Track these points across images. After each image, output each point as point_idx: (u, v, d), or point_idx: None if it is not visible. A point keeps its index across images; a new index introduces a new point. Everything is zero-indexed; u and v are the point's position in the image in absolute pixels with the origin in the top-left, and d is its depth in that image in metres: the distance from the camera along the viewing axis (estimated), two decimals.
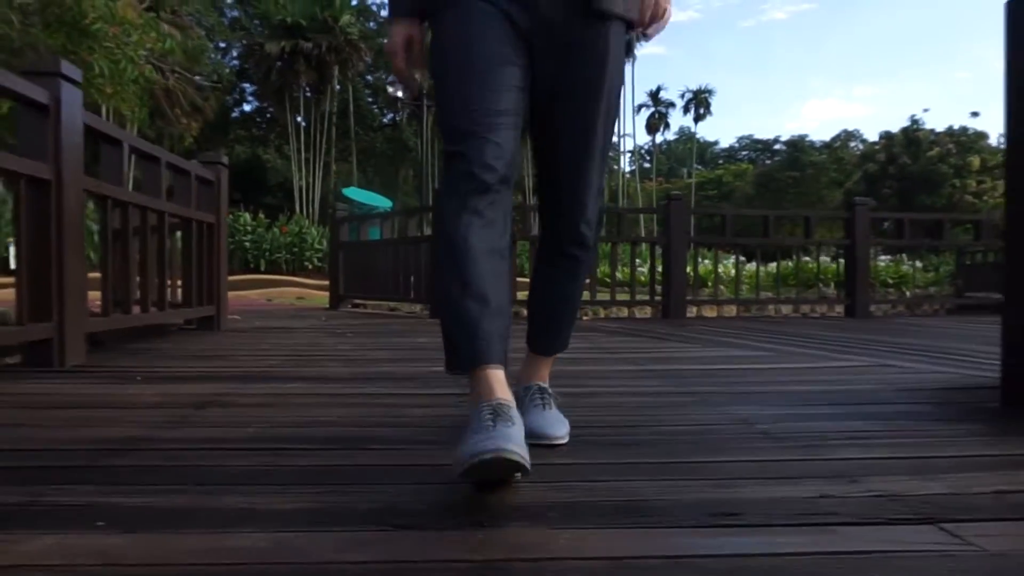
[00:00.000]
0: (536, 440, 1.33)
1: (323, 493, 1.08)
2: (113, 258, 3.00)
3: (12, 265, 11.66)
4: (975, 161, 33.44)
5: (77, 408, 1.76)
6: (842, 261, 6.83)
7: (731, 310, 6.77)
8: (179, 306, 3.92)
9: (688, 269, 6.39)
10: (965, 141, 34.36)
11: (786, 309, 6.92)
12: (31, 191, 2.41)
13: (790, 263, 8.44)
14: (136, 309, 3.30)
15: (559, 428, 1.39)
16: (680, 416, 1.70)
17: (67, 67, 2.57)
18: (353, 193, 8.83)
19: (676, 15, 1.42)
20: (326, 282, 12.08)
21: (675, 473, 1.20)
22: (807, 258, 10.00)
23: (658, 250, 6.20)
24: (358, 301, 7.38)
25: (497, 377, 1.12)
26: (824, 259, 9.08)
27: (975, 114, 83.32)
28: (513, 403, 1.11)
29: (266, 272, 16.99)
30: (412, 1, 1.37)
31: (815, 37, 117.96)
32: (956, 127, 36.08)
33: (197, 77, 18.82)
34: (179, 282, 3.96)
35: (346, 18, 24.03)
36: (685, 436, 1.48)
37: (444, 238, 1.20)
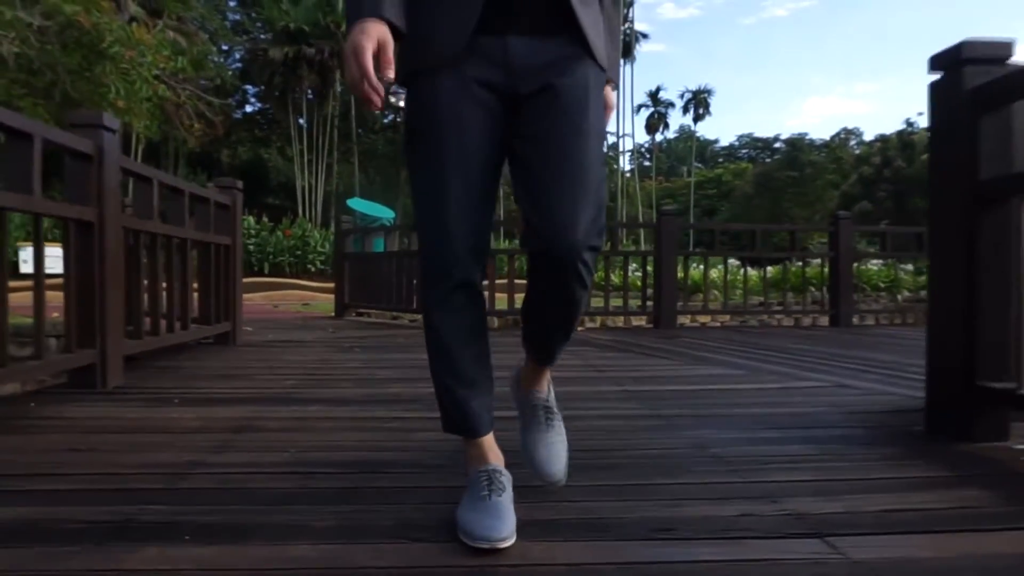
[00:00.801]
0: (536, 477, 1.45)
1: (352, 512, 1.38)
2: (146, 283, 3.30)
3: (23, 269, 11.97)
4: None
5: (134, 433, 2.05)
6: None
7: (723, 318, 7.09)
8: (199, 322, 4.21)
9: (681, 275, 6.68)
10: None
11: (777, 316, 7.23)
12: (78, 232, 2.71)
13: (782, 267, 8.77)
14: (162, 323, 3.60)
15: (556, 464, 1.45)
16: (648, 440, 1.99)
17: (108, 119, 2.86)
18: (357, 204, 9.14)
19: (677, 12, 1.47)
20: (329, 284, 12.31)
21: (632, 494, 1.50)
22: (800, 263, 10.30)
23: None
24: (362, 310, 7.69)
25: (489, 444, 1.37)
26: (817, 261, 9.35)
27: None
28: (502, 465, 1.35)
29: (270, 275, 17.28)
30: (391, 5, 1.20)
31: (816, 34, 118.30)
32: None
33: (203, 81, 19.07)
34: (195, 290, 4.26)
35: None
36: (648, 460, 1.78)
37: (431, 330, 1.34)
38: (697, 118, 52.13)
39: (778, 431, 2.10)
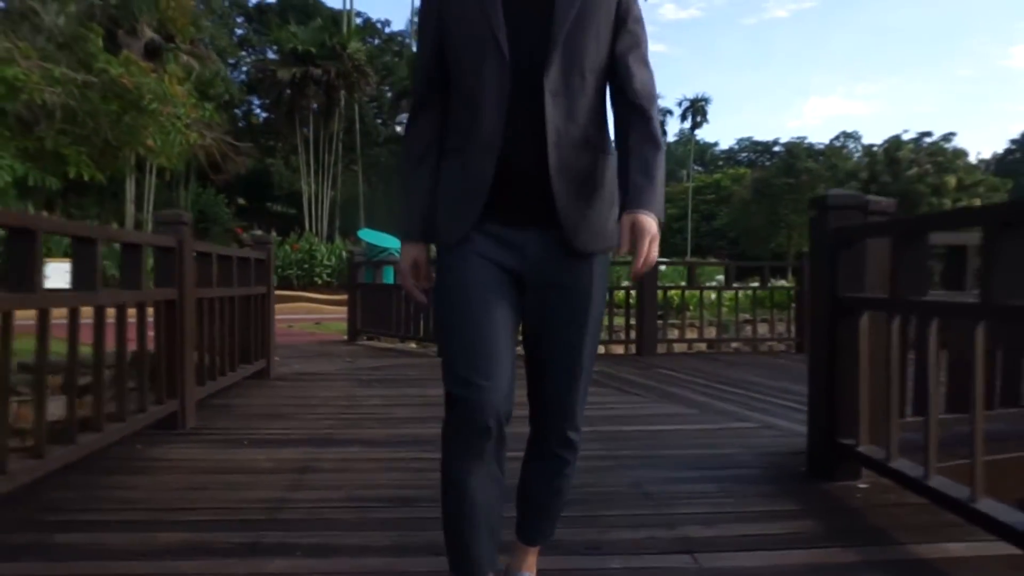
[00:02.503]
0: None
1: (397, 535, 2.12)
2: (209, 338, 4.07)
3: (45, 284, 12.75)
4: (951, 180, 34.60)
5: (227, 473, 2.80)
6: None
7: (701, 345, 7.88)
8: (241, 360, 4.97)
9: (668, 294, 7.47)
10: (943, 161, 35.46)
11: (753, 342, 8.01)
12: (165, 309, 3.46)
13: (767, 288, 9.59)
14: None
15: None
16: (597, 479, 2.73)
17: (184, 215, 3.63)
18: (367, 235, 9.92)
19: (678, 13, 1.52)
20: (336, 297, 12.92)
21: (576, 523, 2.23)
22: (781, 280, 11.15)
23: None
24: (372, 334, 8.46)
25: None
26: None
27: (953, 134, 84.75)
28: None
29: (278, 288, 17.96)
30: (421, 230, 1.53)
31: (817, 35, 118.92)
32: (937, 137, 37.34)
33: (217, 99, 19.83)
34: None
35: (354, 44, 25.43)
36: (594, 496, 2.52)
37: (447, 477, 1.44)
38: (695, 126, 53.00)
39: (698, 471, 2.85)
